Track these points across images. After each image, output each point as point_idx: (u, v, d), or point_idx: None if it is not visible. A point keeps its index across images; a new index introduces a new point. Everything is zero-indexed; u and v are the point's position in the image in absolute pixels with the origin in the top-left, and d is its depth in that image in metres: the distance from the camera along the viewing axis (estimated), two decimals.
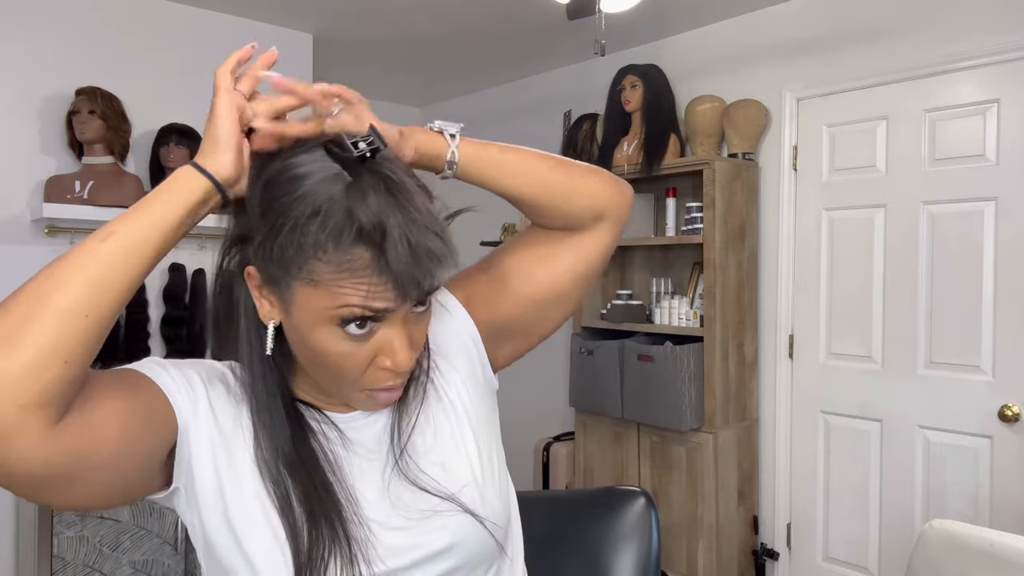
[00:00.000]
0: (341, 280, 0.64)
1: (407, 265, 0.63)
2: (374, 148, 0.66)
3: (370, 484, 0.76)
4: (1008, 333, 2.45)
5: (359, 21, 3.28)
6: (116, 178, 2.73)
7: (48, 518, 2.36)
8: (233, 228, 0.73)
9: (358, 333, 0.66)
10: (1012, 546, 1.50)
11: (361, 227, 0.63)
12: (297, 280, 0.66)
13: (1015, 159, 2.44)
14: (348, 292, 0.64)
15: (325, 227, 0.63)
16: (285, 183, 0.66)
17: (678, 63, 3.35)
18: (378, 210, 0.63)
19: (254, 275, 0.70)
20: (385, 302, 0.65)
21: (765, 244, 3.09)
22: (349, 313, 0.65)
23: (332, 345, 0.67)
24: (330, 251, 0.63)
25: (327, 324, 0.66)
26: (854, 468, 2.83)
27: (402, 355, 0.68)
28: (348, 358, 0.68)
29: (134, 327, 2.83)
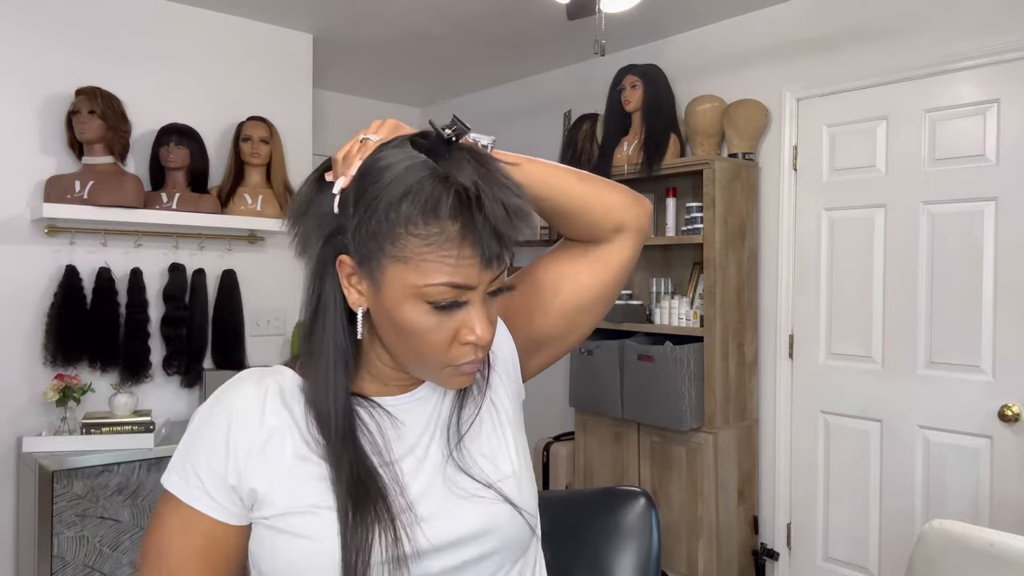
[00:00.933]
0: (429, 254, 0.69)
1: (502, 220, 0.69)
2: (459, 132, 0.72)
3: (418, 464, 0.80)
4: (1008, 333, 2.45)
5: (359, 21, 3.28)
6: (116, 178, 2.73)
7: (48, 518, 2.36)
8: (326, 225, 0.76)
9: (442, 308, 0.71)
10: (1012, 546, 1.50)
11: (459, 191, 0.68)
12: (389, 258, 0.70)
13: (1015, 159, 2.44)
14: (435, 267, 0.69)
15: (416, 202, 0.68)
16: (376, 173, 0.71)
17: (678, 63, 3.35)
18: (473, 175, 0.69)
19: (346, 263, 0.75)
20: (468, 278, 0.70)
21: (765, 244, 3.09)
22: (435, 288, 0.70)
23: (419, 320, 0.72)
24: (420, 224, 0.68)
25: (414, 299, 0.71)
26: (854, 468, 2.83)
27: (483, 329, 0.73)
28: (434, 332, 0.73)
29: (134, 327, 2.83)
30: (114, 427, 2.56)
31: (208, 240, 3.07)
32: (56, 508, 2.37)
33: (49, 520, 2.36)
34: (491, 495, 0.80)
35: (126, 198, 2.72)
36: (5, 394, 2.67)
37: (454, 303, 0.72)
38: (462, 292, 0.71)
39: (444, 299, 0.71)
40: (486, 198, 0.68)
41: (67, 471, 2.39)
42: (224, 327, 3.06)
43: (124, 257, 2.89)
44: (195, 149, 2.94)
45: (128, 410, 2.62)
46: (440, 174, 0.69)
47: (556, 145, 3.73)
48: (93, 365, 2.76)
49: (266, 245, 3.26)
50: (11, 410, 2.68)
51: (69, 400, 2.61)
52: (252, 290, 3.20)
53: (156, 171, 2.93)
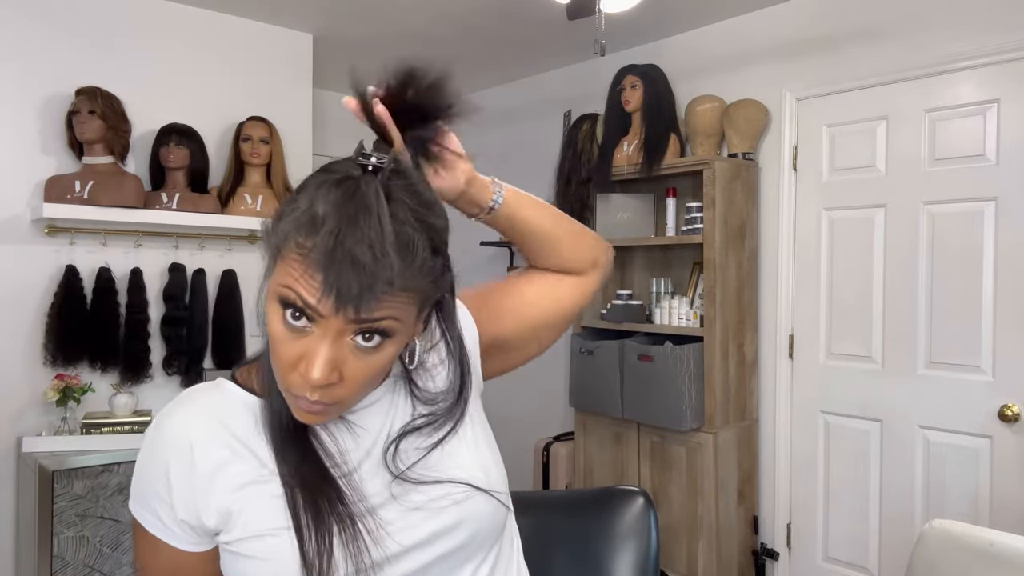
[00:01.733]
0: (296, 263, 0.67)
1: (330, 261, 0.65)
2: (381, 165, 0.69)
3: (375, 469, 0.79)
4: (1008, 333, 2.45)
5: (359, 21, 3.28)
6: (116, 178, 2.73)
7: (48, 518, 2.36)
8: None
9: (291, 322, 0.68)
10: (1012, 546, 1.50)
11: (314, 215, 0.66)
12: (275, 251, 0.70)
13: (1015, 159, 2.44)
14: (294, 276, 0.67)
15: (307, 213, 0.67)
16: (320, 171, 0.72)
17: (678, 63, 3.35)
18: (334, 206, 0.66)
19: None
20: (316, 301, 0.66)
21: (765, 244, 3.09)
22: (286, 294, 0.68)
23: (274, 325, 0.70)
24: (303, 234, 0.67)
25: (274, 300, 0.70)
26: (854, 468, 2.83)
27: (316, 368, 0.67)
28: (281, 345, 0.70)
29: (134, 327, 2.83)
30: (114, 427, 2.56)
31: (208, 240, 3.08)
32: (56, 508, 2.37)
33: (49, 520, 2.36)
34: (456, 490, 0.80)
35: (126, 198, 2.72)
36: (5, 394, 2.67)
37: (303, 324, 0.68)
38: (309, 312, 0.67)
39: (292, 308, 0.67)
40: (323, 232, 0.65)
41: (67, 471, 2.39)
42: (224, 327, 3.06)
43: (124, 257, 2.89)
44: (195, 149, 2.94)
45: (128, 410, 2.63)
46: (336, 198, 0.67)
47: (556, 145, 3.73)
48: (93, 365, 2.77)
49: None
50: (11, 410, 2.68)
51: (69, 400, 2.61)
52: (252, 290, 3.20)
53: (156, 171, 2.93)
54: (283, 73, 3.35)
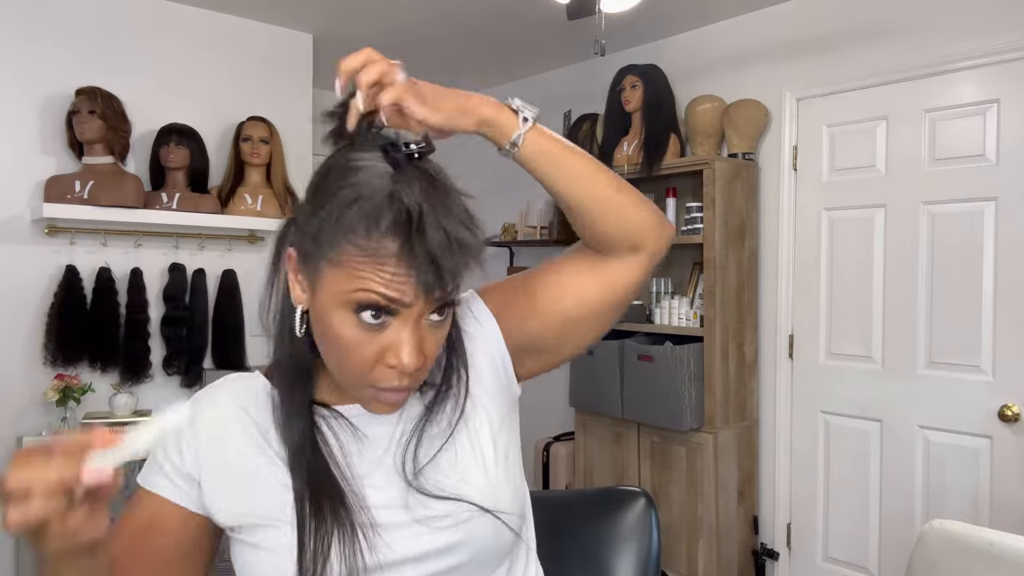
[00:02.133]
0: (365, 265, 0.67)
1: (441, 249, 0.66)
2: (423, 150, 0.71)
3: (381, 479, 0.78)
4: (1008, 333, 2.45)
5: (359, 21, 3.28)
6: (116, 178, 2.73)
7: None
8: (285, 224, 0.79)
9: (370, 322, 0.68)
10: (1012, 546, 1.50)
11: (401, 209, 0.66)
12: (325, 260, 0.69)
13: (1015, 159, 2.44)
14: (368, 277, 0.67)
15: (362, 212, 0.66)
16: (339, 172, 0.70)
17: (678, 63, 3.35)
18: (420, 196, 0.67)
19: (292, 256, 0.74)
20: (402, 294, 0.67)
21: (765, 244, 3.09)
22: (365, 298, 0.67)
23: (345, 331, 0.69)
24: (361, 235, 0.66)
25: (343, 308, 0.69)
26: (854, 468, 2.83)
27: (408, 355, 0.69)
28: (358, 348, 0.70)
29: (134, 327, 2.83)
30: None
31: (208, 240, 3.07)
32: None
33: None
34: (460, 507, 0.77)
35: (126, 198, 2.72)
36: (5, 394, 2.67)
37: (383, 320, 0.68)
38: (392, 307, 0.68)
39: (372, 310, 0.68)
40: (428, 224, 0.66)
41: None
42: (224, 327, 3.06)
43: (124, 257, 2.89)
44: (195, 149, 2.94)
45: (128, 410, 2.63)
46: (392, 189, 0.67)
47: None
48: (93, 365, 2.76)
49: (266, 245, 3.26)
50: (11, 410, 2.68)
51: (69, 400, 2.61)
52: (252, 290, 3.20)
53: (156, 171, 2.93)
54: (283, 73, 3.35)
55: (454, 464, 0.80)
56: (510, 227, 4.02)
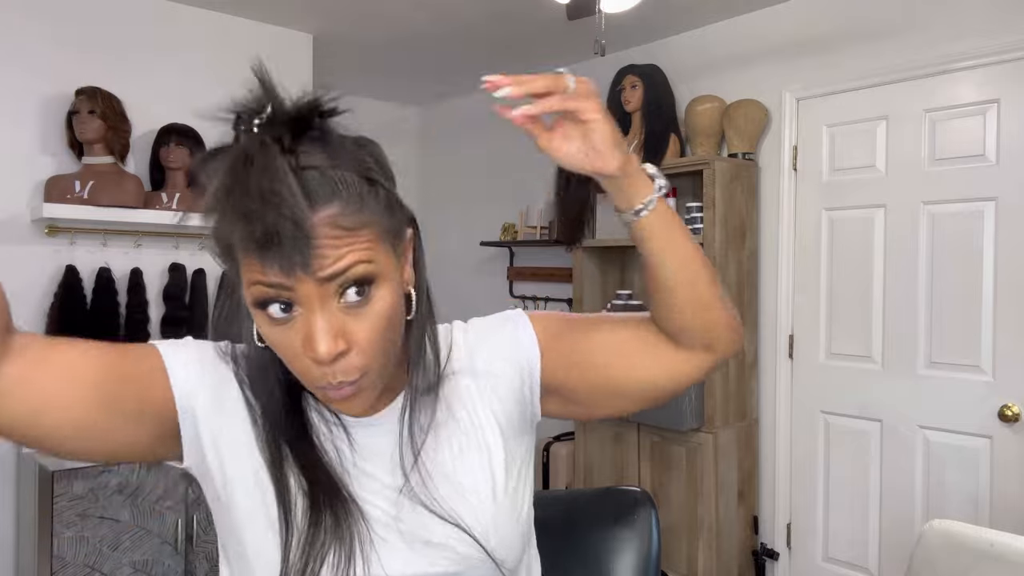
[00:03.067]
0: (245, 256, 0.61)
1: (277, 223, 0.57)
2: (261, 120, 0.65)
3: (375, 494, 0.74)
4: (1008, 333, 2.45)
5: (359, 21, 3.28)
6: (116, 178, 2.73)
7: (48, 518, 2.36)
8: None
9: (278, 316, 0.62)
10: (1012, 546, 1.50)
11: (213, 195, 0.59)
12: (238, 263, 0.63)
13: (1015, 159, 2.44)
14: (250, 268, 0.61)
15: (215, 200, 0.60)
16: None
17: (678, 63, 3.35)
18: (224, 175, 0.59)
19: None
20: (276, 276, 0.60)
21: (765, 244, 3.09)
22: (257, 293, 0.61)
23: (265, 331, 0.64)
24: (225, 226, 0.61)
25: (252, 307, 0.64)
26: (854, 468, 2.83)
27: (321, 343, 0.61)
28: (284, 347, 0.64)
29: (134, 327, 2.83)
30: None
31: (208, 240, 3.07)
32: (56, 508, 2.37)
33: (49, 520, 2.36)
34: (458, 535, 0.73)
35: (126, 198, 2.72)
36: None
37: (283, 312, 0.62)
38: (282, 293, 0.61)
39: (264, 300, 0.62)
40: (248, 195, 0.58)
41: (67, 471, 2.39)
42: None
43: (124, 257, 2.89)
44: (195, 149, 2.94)
45: None
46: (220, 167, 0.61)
47: None
48: None
49: None
50: None
51: None
52: None
53: (156, 171, 2.93)
54: (283, 73, 3.33)
55: (452, 468, 0.76)
56: (510, 227, 4.02)
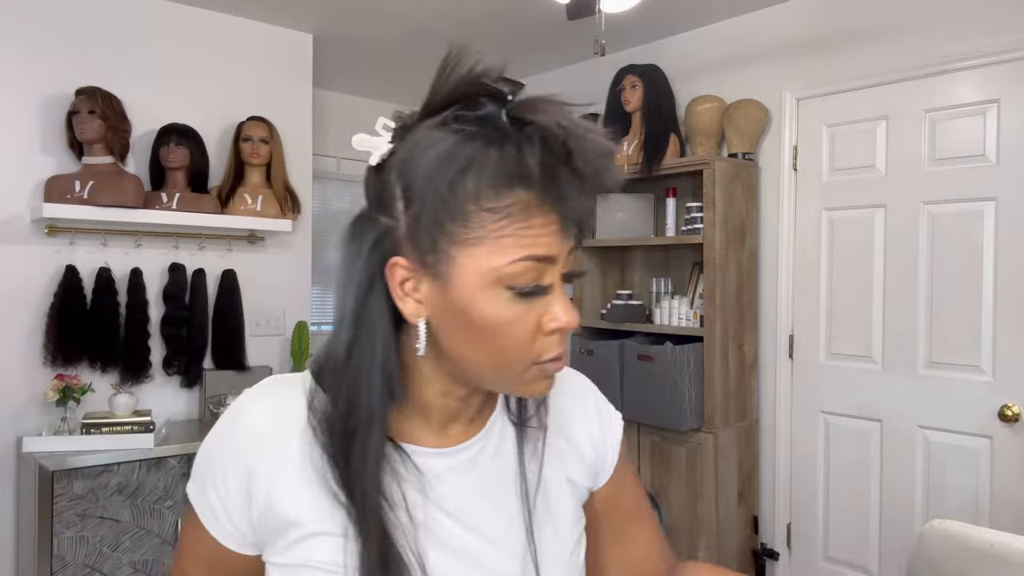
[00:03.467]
0: (507, 227, 0.61)
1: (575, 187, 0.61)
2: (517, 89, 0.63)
3: (445, 545, 0.70)
4: (1008, 333, 2.45)
5: (359, 21, 3.28)
6: (116, 178, 2.73)
7: (48, 518, 2.36)
8: (370, 230, 0.67)
9: (528, 291, 0.62)
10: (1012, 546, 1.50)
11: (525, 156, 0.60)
12: (458, 244, 0.62)
13: (1015, 159, 2.44)
14: (514, 241, 0.61)
15: (484, 172, 0.60)
16: (420, 156, 0.63)
17: (678, 63, 3.35)
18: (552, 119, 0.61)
19: (400, 266, 0.65)
20: (550, 248, 0.62)
21: (765, 244, 3.09)
22: (520, 268, 0.61)
23: (499, 312, 0.62)
24: (491, 197, 0.60)
25: (492, 288, 0.62)
26: (854, 468, 2.83)
27: (567, 312, 0.64)
28: (517, 324, 0.63)
29: (134, 327, 2.83)
30: (114, 427, 2.56)
31: (208, 240, 3.07)
32: (56, 508, 2.37)
33: (49, 520, 2.36)
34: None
35: (126, 198, 2.72)
36: (5, 394, 2.67)
37: (536, 287, 0.62)
38: (544, 269, 0.62)
39: (526, 280, 0.62)
40: (574, 143, 0.60)
41: (67, 471, 2.39)
42: (224, 327, 3.06)
43: (124, 257, 2.89)
44: (195, 149, 2.94)
45: (128, 410, 2.62)
46: (502, 134, 0.61)
47: None
48: (93, 365, 2.76)
49: (266, 245, 3.26)
50: (11, 410, 2.68)
51: (69, 400, 2.61)
52: (252, 290, 3.20)
53: (156, 171, 2.93)
54: (283, 73, 3.35)
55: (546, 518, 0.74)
56: None
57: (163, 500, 2.56)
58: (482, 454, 0.73)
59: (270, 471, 0.68)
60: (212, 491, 0.70)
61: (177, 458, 2.59)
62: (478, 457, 0.73)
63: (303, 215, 3.31)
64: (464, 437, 0.73)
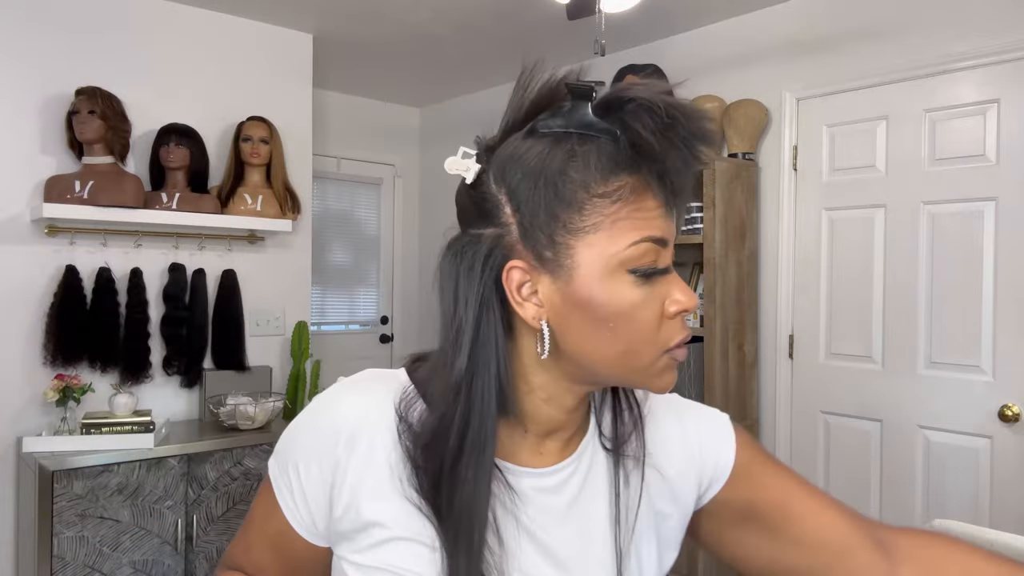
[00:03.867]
0: (621, 211, 0.61)
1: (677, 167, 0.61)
2: (598, 85, 0.65)
3: (524, 572, 0.68)
4: (1008, 333, 2.45)
5: (359, 21, 3.28)
6: (116, 178, 2.73)
7: (48, 518, 2.36)
8: (478, 250, 0.65)
9: (651, 272, 0.62)
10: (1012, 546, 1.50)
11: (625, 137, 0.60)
12: (576, 234, 0.62)
13: (1015, 159, 2.44)
14: (632, 225, 0.61)
15: (587, 159, 0.61)
16: (519, 161, 0.64)
17: (678, 63, 3.35)
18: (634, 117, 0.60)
19: (517, 268, 0.64)
20: (663, 230, 0.63)
21: (765, 244, 3.09)
22: (639, 250, 0.62)
23: (625, 297, 0.62)
24: (600, 183, 0.61)
25: (615, 273, 0.62)
26: (854, 468, 2.83)
27: (687, 293, 0.64)
28: (643, 309, 0.62)
29: (134, 327, 2.83)
30: (114, 427, 2.56)
31: (208, 240, 3.07)
32: (56, 508, 2.37)
33: (49, 520, 2.36)
34: None
35: (126, 198, 2.72)
36: (5, 394, 2.67)
37: (656, 269, 0.63)
38: (660, 251, 0.63)
39: (646, 262, 0.62)
40: (676, 111, 0.60)
41: (67, 471, 2.39)
42: (224, 327, 3.06)
43: (124, 257, 2.89)
44: (195, 149, 2.94)
45: (128, 410, 2.62)
46: (601, 125, 0.62)
47: None
48: (93, 365, 2.76)
49: (266, 245, 3.26)
50: (11, 410, 2.68)
51: (69, 400, 2.61)
52: (252, 290, 3.20)
53: (156, 171, 2.93)
54: (283, 73, 3.35)
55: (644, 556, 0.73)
56: None
57: (163, 500, 2.56)
58: (573, 477, 0.71)
59: (359, 469, 0.67)
60: (294, 474, 0.69)
61: (177, 458, 2.59)
62: (570, 480, 0.71)
63: (303, 215, 3.31)
64: (559, 458, 0.71)
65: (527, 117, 0.66)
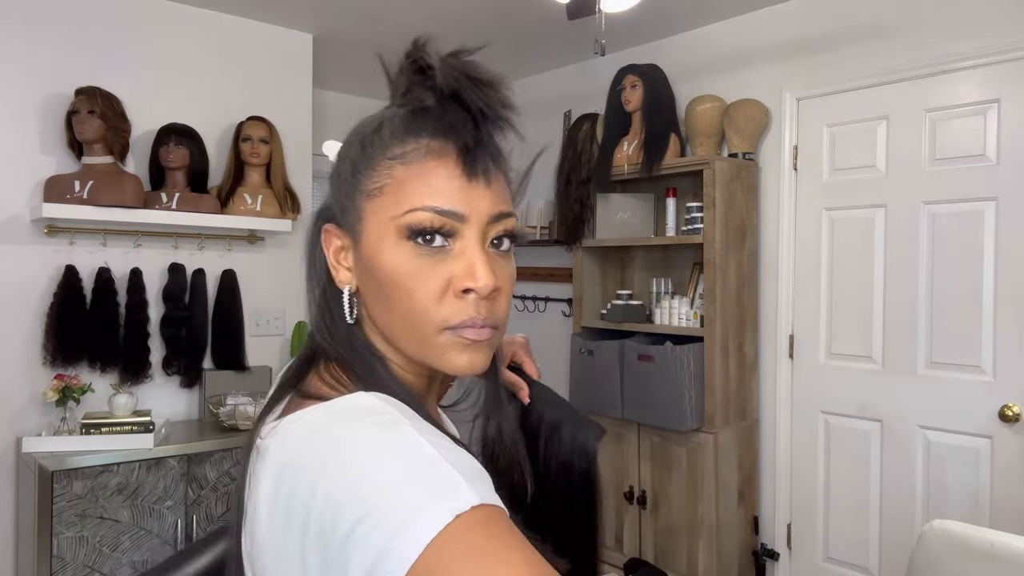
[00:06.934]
0: (408, 176, 0.61)
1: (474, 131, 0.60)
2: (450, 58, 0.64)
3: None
4: (1008, 333, 2.45)
5: (359, 21, 3.28)
6: (116, 178, 2.73)
7: (48, 518, 2.36)
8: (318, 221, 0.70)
9: (427, 247, 0.61)
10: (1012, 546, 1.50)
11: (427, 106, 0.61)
12: (365, 195, 0.62)
13: (1015, 159, 2.44)
14: (414, 189, 0.61)
15: (391, 126, 0.62)
16: (352, 132, 0.68)
17: (678, 63, 3.35)
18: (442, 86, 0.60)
19: (331, 232, 0.66)
20: (453, 202, 0.60)
21: (765, 244, 3.09)
22: (414, 217, 0.60)
23: (402, 264, 0.61)
24: (395, 145, 0.62)
25: (395, 238, 0.61)
26: (854, 468, 2.83)
27: (481, 272, 0.60)
28: (422, 282, 0.61)
29: (134, 327, 2.83)
30: (114, 427, 2.56)
31: (208, 240, 3.07)
32: (56, 508, 2.37)
33: (49, 520, 2.36)
34: None
35: (126, 198, 2.72)
36: (5, 394, 2.67)
37: (442, 243, 0.61)
38: (450, 224, 0.61)
39: (429, 228, 0.60)
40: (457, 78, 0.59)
41: (67, 471, 2.39)
42: (224, 327, 3.06)
43: (124, 257, 2.89)
44: (195, 149, 2.94)
45: (128, 410, 2.62)
46: (411, 98, 0.62)
47: (556, 145, 3.73)
48: (93, 365, 2.76)
49: (266, 245, 3.26)
50: (11, 410, 2.68)
51: (69, 400, 2.60)
52: (252, 290, 3.20)
53: (156, 171, 2.93)
54: (283, 73, 3.35)
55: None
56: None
57: (163, 500, 2.56)
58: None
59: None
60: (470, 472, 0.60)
61: (177, 458, 2.59)
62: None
63: (303, 215, 3.31)
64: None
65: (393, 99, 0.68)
